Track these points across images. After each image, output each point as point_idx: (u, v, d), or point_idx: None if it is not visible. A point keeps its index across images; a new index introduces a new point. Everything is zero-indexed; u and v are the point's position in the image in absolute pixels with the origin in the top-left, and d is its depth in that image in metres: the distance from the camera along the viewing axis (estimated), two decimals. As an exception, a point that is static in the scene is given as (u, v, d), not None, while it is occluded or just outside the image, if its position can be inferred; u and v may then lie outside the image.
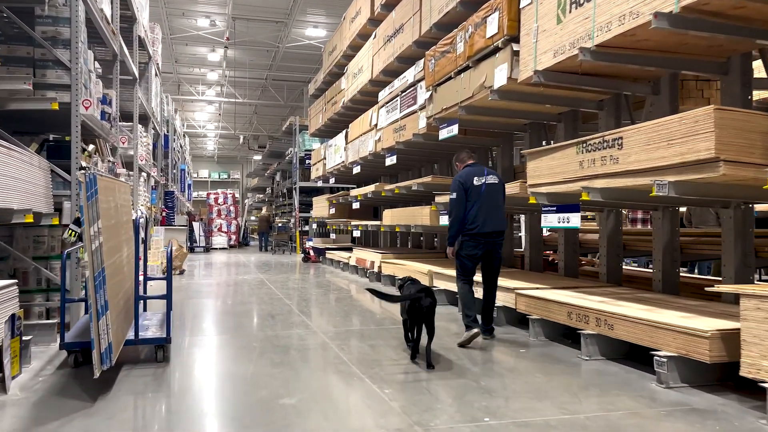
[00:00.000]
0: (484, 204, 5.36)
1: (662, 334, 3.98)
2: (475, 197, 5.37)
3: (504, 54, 5.91)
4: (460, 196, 5.41)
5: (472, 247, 5.40)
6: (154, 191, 13.00)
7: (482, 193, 5.40)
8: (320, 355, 4.84)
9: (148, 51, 12.16)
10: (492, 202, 5.42)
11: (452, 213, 5.47)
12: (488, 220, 5.35)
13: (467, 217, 5.38)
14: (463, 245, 5.44)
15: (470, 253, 5.42)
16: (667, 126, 3.91)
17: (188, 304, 7.82)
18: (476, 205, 5.35)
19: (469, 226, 5.36)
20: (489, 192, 5.43)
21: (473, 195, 5.39)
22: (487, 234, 5.36)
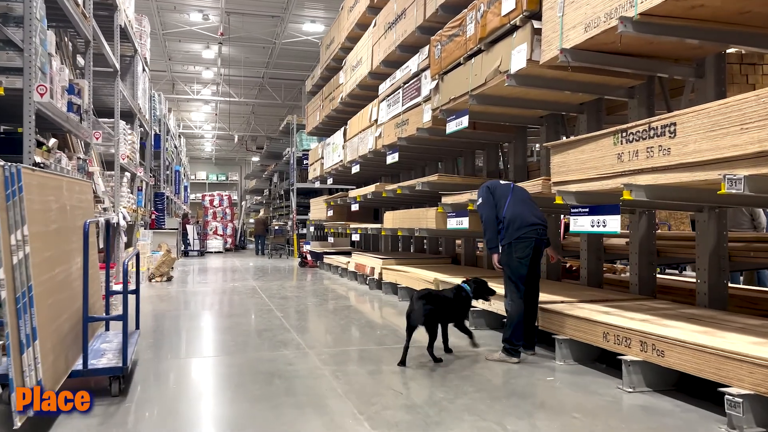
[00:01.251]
0: (516, 199, 4.96)
1: (733, 365, 3.20)
2: (504, 195, 4.98)
3: (523, 33, 5.14)
4: (486, 199, 5.02)
5: (525, 247, 4.76)
6: (140, 192, 12.22)
7: (512, 190, 5.01)
8: (310, 385, 4.06)
9: (134, 43, 11.39)
10: (525, 197, 5.03)
11: (482, 216, 5.04)
12: (529, 212, 4.88)
13: (506, 214, 4.88)
14: (514, 247, 4.78)
15: (524, 255, 4.76)
16: (740, 106, 3.14)
17: (168, 317, 7.04)
18: (509, 201, 4.94)
19: (511, 220, 4.82)
20: (518, 191, 5.07)
21: (501, 195, 4.98)
22: (533, 225, 4.81)
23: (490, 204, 4.95)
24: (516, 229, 4.76)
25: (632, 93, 5.56)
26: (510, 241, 4.76)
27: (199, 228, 21.65)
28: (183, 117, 30.79)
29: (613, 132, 4.14)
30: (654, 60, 4.77)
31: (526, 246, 4.73)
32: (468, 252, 9.51)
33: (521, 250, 4.73)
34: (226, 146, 37.08)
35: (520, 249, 4.73)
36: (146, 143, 14.10)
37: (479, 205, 5.08)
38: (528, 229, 4.76)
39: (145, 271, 10.88)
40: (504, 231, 4.82)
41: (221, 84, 23.57)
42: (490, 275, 7.51)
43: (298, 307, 7.82)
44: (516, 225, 4.77)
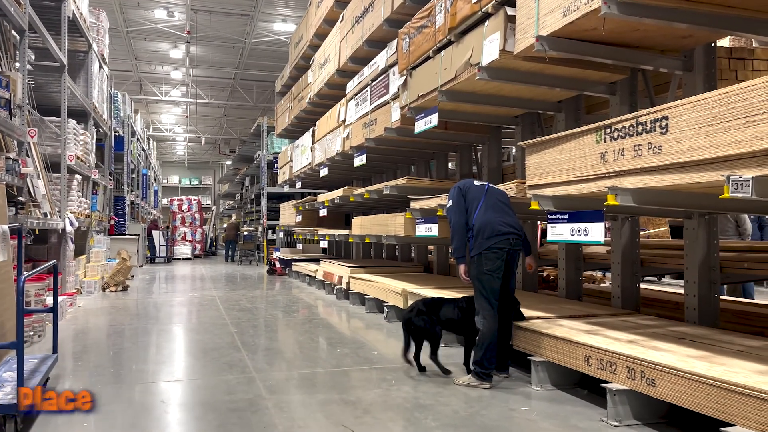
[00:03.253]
0: (490, 204, 4.40)
1: (737, 400, 2.72)
2: (477, 199, 4.42)
3: (496, 21, 4.66)
4: (456, 201, 4.49)
5: (496, 258, 4.20)
6: (95, 196, 11.51)
7: (486, 192, 4.45)
8: (246, 422, 3.48)
9: (87, 38, 10.71)
10: (500, 202, 4.47)
11: (450, 221, 4.49)
12: (501, 219, 4.30)
13: (476, 221, 4.34)
14: (483, 259, 4.22)
15: (494, 267, 4.20)
16: (745, 95, 2.66)
17: (106, 334, 6.40)
18: (480, 206, 4.39)
19: (481, 228, 4.27)
20: (495, 194, 4.52)
21: (474, 196, 4.43)
22: (504, 234, 4.23)
23: (461, 208, 4.43)
24: (486, 238, 4.21)
25: (614, 89, 5.11)
26: (479, 252, 4.21)
27: (166, 234, 20.84)
28: (152, 119, 29.93)
29: (595, 128, 3.66)
30: (639, 51, 4.31)
31: (496, 257, 4.18)
32: (441, 260, 9.00)
33: (491, 262, 4.18)
34: (198, 149, 36.21)
35: (490, 261, 4.18)
36: (105, 145, 13.38)
37: (448, 208, 4.57)
38: (499, 239, 4.20)
39: (97, 281, 10.17)
40: (473, 240, 4.28)
41: (191, 85, 22.83)
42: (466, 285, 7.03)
43: (255, 321, 7.22)
44: (486, 234, 4.21)
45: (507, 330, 4.42)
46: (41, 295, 6.06)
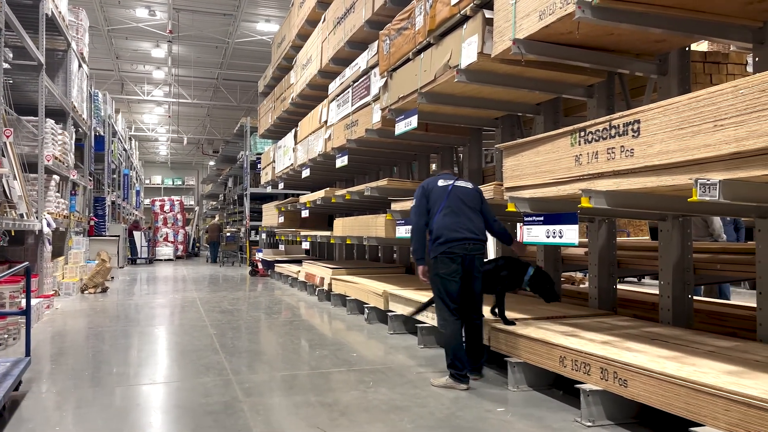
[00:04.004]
0: (452, 207, 4.33)
1: (706, 400, 2.75)
2: (439, 200, 4.36)
3: (474, 23, 4.69)
4: (418, 201, 4.45)
5: (450, 263, 4.21)
6: (74, 197, 11.37)
7: (449, 194, 4.36)
8: (221, 425, 3.47)
9: (66, 37, 10.58)
10: (463, 205, 4.37)
11: (411, 222, 4.48)
12: (459, 224, 4.26)
13: (433, 224, 4.33)
14: (439, 262, 4.24)
15: (449, 271, 4.21)
16: (713, 100, 2.70)
17: (84, 336, 6.33)
18: (441, 208, 4.34)
19: (437, 234, 4.27)
20: (458, 194, 4.40)
21: (437, 198, 4.38)
22: (460, 240, 4.21)
23: (422, 209, 4.43)
24: (440, 243, 4.24)
25: (591, 92, 5.16)
26: (435, 256, 4.26)
27: (148, 234, 20.65)
28: (134, 119, 29.64)
29: (570, 131, 3.69)
30: (614, 54, 4.36)
31: (451, 262, 4.20)
32: (422, 261, 9.01)
33: (446, 265, 4.21)
34: (181, 149, 35.92)
35: (445, 265, 4.21)
36: (84, 144, 13.23)
37: (411, 208, 4.59)
38: (453, 244, 4.21)
39: (75, 282, 10.05)
40: (431, 243, 4.32)
41: (173, 85, 22.65)
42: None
43: (236, 323, 7.18)
44: (441, 239, 4.24)
45: (475, 332, 4.42)
46: (16, 297, 5.97)
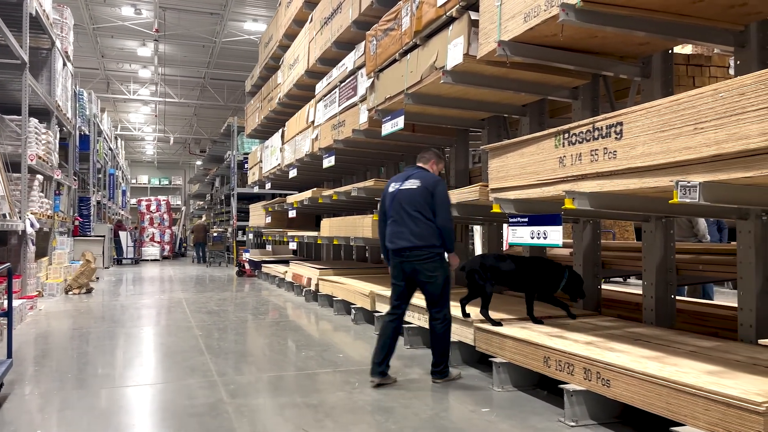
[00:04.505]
0: (393, 215, 4.38)
1: (686, 400, 2.78)
2: (388, 207, 4.46)
3: (460, 25, 4.70)
4: (379, 209, 4.57)
5: (392, 267, 4.42)
6: (58, 197, 11.26)
7: (393, 201, 4.40)
8: (205, 427, 3.45)
9: (51, 35, 10.48)
10: (403, 211, 4.30)
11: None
12: (395, 234, 4.33)
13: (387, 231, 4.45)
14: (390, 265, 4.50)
15: (393, 274, 4.44)
16: (694, 103, 2.73)
17: (68, 338, 6.27)
18: (388, 215, 4.43)
19: (383, 242, 4.49)
20: (400, 199, 4.35)
21: (386, 205, 4.48)
22: (396, 251, 4.33)
23: (381, 215, 4.54)
24: (385, 251, 4.45)
25: (576, 94, 5.20)
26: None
27: (134, 234, 20.50)
28: (120, 118, 29.42)
29: (554, 133, 3.71)
30: (598, 56, 4.39)
31: (393, 267, 4.40)
32: (409, 261, 9.03)
33: (390, 269, 4.45)
34: (168, 149, 35.69)
35: (390, 268, 4.45)
36: (69, 144, 13.12)
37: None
38: (392, 254, 4.36)
39: (60, 283, 9.96)
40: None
41: (160, 84, 22.50)
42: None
43: (222, 324, 7.15)
44: (385, 248, 4.45)
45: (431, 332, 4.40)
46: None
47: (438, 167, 4.59)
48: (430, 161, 4.55)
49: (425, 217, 4.23)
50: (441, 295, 4.30)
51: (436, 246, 4.23)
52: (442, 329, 4.31)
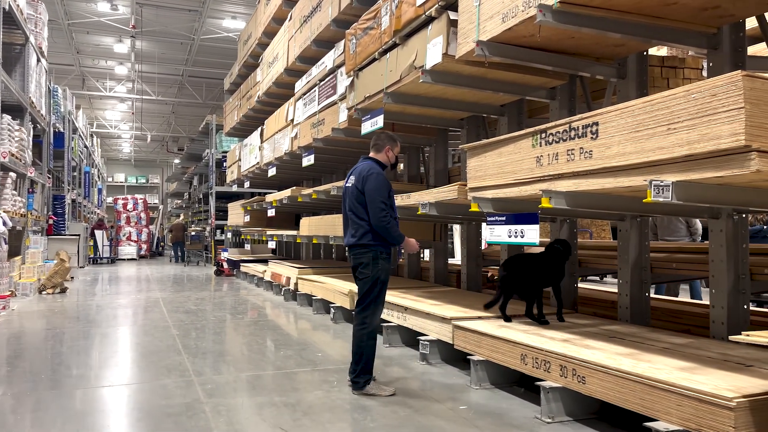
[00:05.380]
0: (343, 213, 4.33)
1: (659, 396, 2.83)
2: (342, 203, 4.39)
3: (439, 25, 4.73)
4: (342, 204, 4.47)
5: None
6: (31, 195, 11.06)
7: (343, 198, 4.37)
8: (181, 426, 3.42)
9: (24, 31, 10.31)
10: (345, 209, 4.27)
11: None
12: (344, 231, 4.33)
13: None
14: None
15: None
16: (667, 104, 2.78)
17: (41, 338, 6.17)
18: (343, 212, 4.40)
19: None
20: (345, 198, 4.30)
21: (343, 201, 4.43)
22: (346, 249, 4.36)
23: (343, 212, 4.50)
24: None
25: (554, 94, 5.26)
26: None
27: (110, 233, 20.21)
28: (96, 115, 28.98)
29: (531, 133, 3.75)
30: (575, 57, 4.45)
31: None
32: (389, 260, 9.04)
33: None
34: (145, 147, 35.24)
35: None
36: (43, 141, 12.89)
37: None
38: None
39: (33, 283, 9.78)
40: None
41: (137, 81, 22.21)
42: (412, 285, 7.09)
43: (199, 323, 7.09)
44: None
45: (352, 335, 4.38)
46: (-31, 298, 5.78)
47: (393, 152, 4.36)
48: (384, 148, 4.34)
49: (358, 217, 4.11)
50: (365, 296, 4.08)
51: (369, 245, 4.07)
52: (359, 333, 4.06)
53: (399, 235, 4.10)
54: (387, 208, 4.05)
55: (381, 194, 4.05)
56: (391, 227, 4.04)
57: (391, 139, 4.39)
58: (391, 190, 4.22)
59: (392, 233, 4.06)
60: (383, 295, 4.13)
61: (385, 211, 4.03)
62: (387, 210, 4.05)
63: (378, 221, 4.02)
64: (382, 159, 4.34)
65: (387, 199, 4.09)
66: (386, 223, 4.02)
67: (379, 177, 4.12)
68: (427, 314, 5.06)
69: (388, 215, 4.04)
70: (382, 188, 4.07)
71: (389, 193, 4.14)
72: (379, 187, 4.07)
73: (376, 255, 4.07)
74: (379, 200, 4.03)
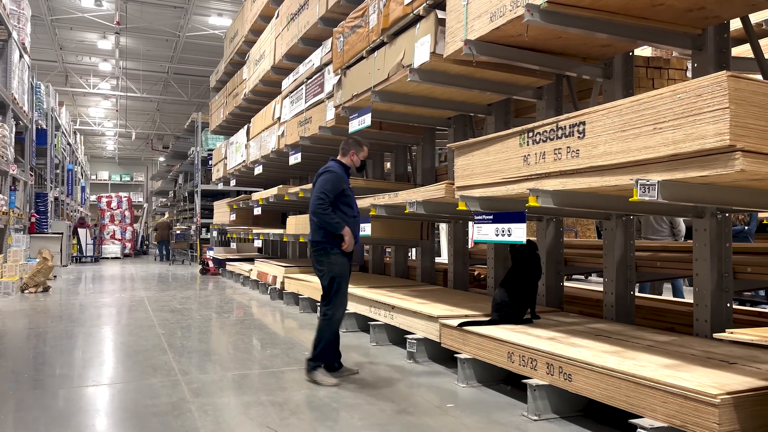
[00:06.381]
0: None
1: (644, 393, 2.86)
2: None
3: (427, 23, 4.73)
4: None
5: None
6: (13, 192, 10.92)
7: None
8: (167, 426, 3.40)
9: (7, 26, 10.17)
10: (311, 212, 4.43)
11: None
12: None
13: None
14: None
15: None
16: (653, 103, 2.81)
17: (21, 337, 6.09)
18: None
19: None
20: (312, 199, 4.46)
21: None
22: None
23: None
24: None
25: (540, 94, 5.29)
26: None
27: (94, 232, 20.00)
28: (79, 112, 28.67)
29: (519, 132, 3.76)
30: (562, 57, 4.47)
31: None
32: (376, 260, 9.05)
33: None
34: (130, 145, 34.93)
35: None
36: (25, 138, 12.73)
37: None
38: None
39: (15, 282, 9.65)
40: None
41: (121, 78, 21.99)
42: (399, 284, 7.09)
43: (185, 322, 7.04)
44: None
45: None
46: (-51, 297, 5.69)
47: (359, 156, 4.59)
48: (349, 152, 4.57)
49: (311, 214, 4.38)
50: (326, 291, 4.36)
51: (321, 242, 4.33)
52: (321, 324, 4.36)
53: (337, 223, 4.26)
54: (326, 198, 4.27)
55: (325, 188, 4.31)
56: (326, 214, 4.24)
57: (357, 143, 4.61)
58: (349, 189, 4.46)
59: (326, 219, 4.25)
60: (343, 288, 4.35)
61: (321, 200, 4.26)
62: (324, 199, 4.27)
63: (314, 207, 4.28)
64: (347, 162, 4.59)
65: (330, 192, 4.30)
66: (322, 210, 4.25)
67: (329, 175, 4.37)
68: (414, 313, 5.07)
69: (325, 203, 4.26)
70: (327, 183, 4.32)
71: (343, 191, 4.37)
72: (325, 183, 4.33)
73: (329, 251, 4.31)
74: (320, 191, 4.30)
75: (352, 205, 4.47)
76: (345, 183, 4.43)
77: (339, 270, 4.31)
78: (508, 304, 4.45)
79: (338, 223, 4.26)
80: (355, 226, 4.48)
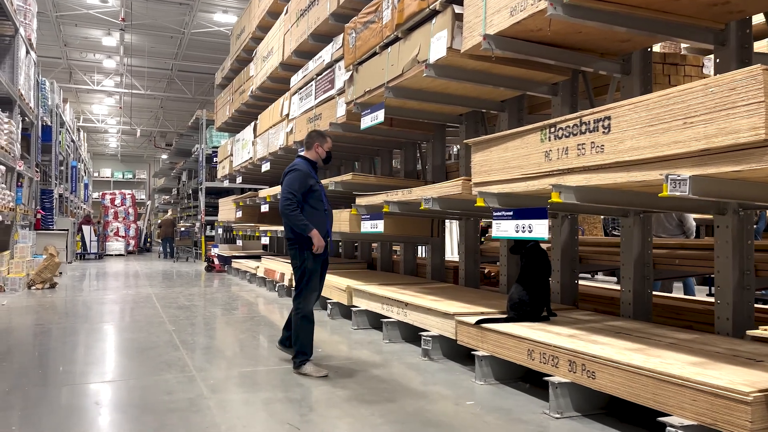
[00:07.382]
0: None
1: (672, 391, 2.82)
2: None
3: (443, 18, 4.69)
4: None
5: None
6: (20, 189, 10.89)
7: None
8: (188, 422, 3.36)
9: (14, 22, 10.14)
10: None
11: None
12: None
13: None
14: None
15: None
16: (684, 98, 2.77)
17: (29, 333, 6.06)
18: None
19: None
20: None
21: None
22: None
23: None
24: None
25: (556, 90, 5.25)
26: None
27: (98, 229, 19.98)
28: (83, 109, 28.64)
29: (540, 127, 3.73)
30: (581, 53, 4.43)
31: None
32: (384, 257, 9.02)
33: None
34: (133, 142, 34.90)
35: None
36: (31, 134, 12.70)
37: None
38: None
39: (22, 278, 9.63)
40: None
41: (125, 75, 21.95)
42: (409, 281, 7.06)
43: (194, 318, 7.01)
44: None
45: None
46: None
47: (323, 148, 4.68)
48: (313, 145, 4.67)
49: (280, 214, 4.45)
50: (298, 284, 4.48)
51: (291, 238, 4.46)
52: (295, 317, 4.48)
53: (304, 225, 4.34)
54: (293, 197, 4.36)
55: (292, 187, 4.40)
56: (293, 215, 4.34)
57: (320, 135, 4.74)
58: (317, 184, 4.54)
59: (294, 221, 4.35)
60: (313, 283, 4.49)
61: (289, 200, 4.35)
62: (291, 199, 4.35)
63: (283, 208, 4.37)
64: (312, 156, 4.67)
65: (297, 191, 4.39)
66: (289, 210, 4.34)
67: (295, 174, 4.46)
68: (428, 310, 5.04)
69: (292, 203, 4.34)
70: (294, 183, 4.41)
71: (311, 187, 4.45)
72: (291, 182, 4.42)
73: (301, 246, 4.41)
74: (287, 191, 4.39)
75: (322, 200, 4.56)
76: (312, 179, 4.51)
77: (311, 265, 4.45)
78: (526, 302, 4.42)
79: (305, 225, 4.34)
80: (327, 220, 4.58)
